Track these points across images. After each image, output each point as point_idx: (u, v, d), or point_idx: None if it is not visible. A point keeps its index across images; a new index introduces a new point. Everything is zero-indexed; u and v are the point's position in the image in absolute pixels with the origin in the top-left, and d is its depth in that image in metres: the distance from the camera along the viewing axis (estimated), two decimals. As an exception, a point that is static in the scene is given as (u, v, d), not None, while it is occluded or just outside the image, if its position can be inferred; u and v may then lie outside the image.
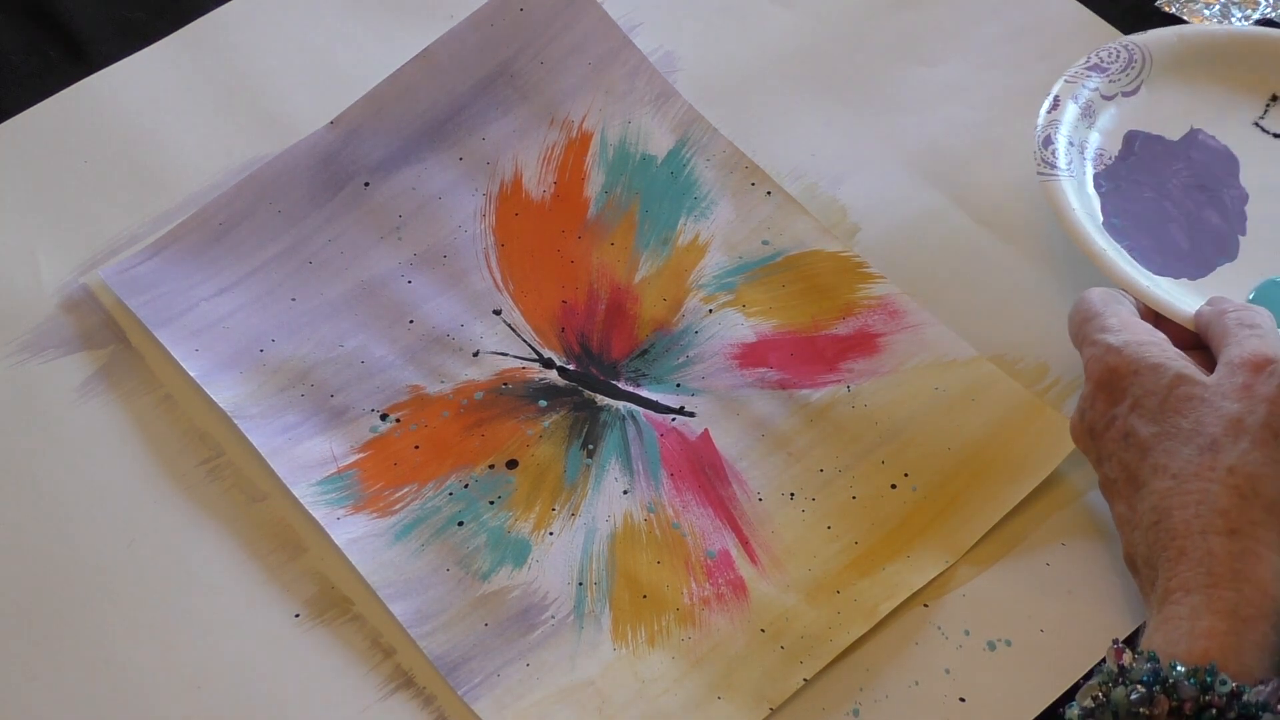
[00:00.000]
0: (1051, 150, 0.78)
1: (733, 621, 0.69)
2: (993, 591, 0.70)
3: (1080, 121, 0.80)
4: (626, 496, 0.72)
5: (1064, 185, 0.77)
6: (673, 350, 0.77)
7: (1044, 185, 0.77)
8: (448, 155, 0.82)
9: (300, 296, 0.78)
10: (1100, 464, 0.67)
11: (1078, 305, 0.71)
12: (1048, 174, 0.77)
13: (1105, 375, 0.67)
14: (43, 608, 0.69)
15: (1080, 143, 0.79)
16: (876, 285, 0.78)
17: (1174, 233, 0.78)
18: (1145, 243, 0.77)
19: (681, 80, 0.86)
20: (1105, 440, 0.66)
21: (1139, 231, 0.77)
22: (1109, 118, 0.81)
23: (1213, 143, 0.81)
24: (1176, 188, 0.79)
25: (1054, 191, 0.77)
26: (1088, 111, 0.80)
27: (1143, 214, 0.78)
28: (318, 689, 0.68)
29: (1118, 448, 0.66)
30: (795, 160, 0.83)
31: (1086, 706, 0.58)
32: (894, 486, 0.72)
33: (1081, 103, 0.80)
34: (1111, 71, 0.81)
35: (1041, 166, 0.77)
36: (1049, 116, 0.79)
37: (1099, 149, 0.80)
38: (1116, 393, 0.66)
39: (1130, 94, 0.81)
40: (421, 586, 0.70)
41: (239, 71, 0.86)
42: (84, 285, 0.79)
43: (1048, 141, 0.78)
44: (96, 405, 0.75)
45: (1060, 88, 0.80)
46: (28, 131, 0.84)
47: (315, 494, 0.72)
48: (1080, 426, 0.68)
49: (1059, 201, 0.76)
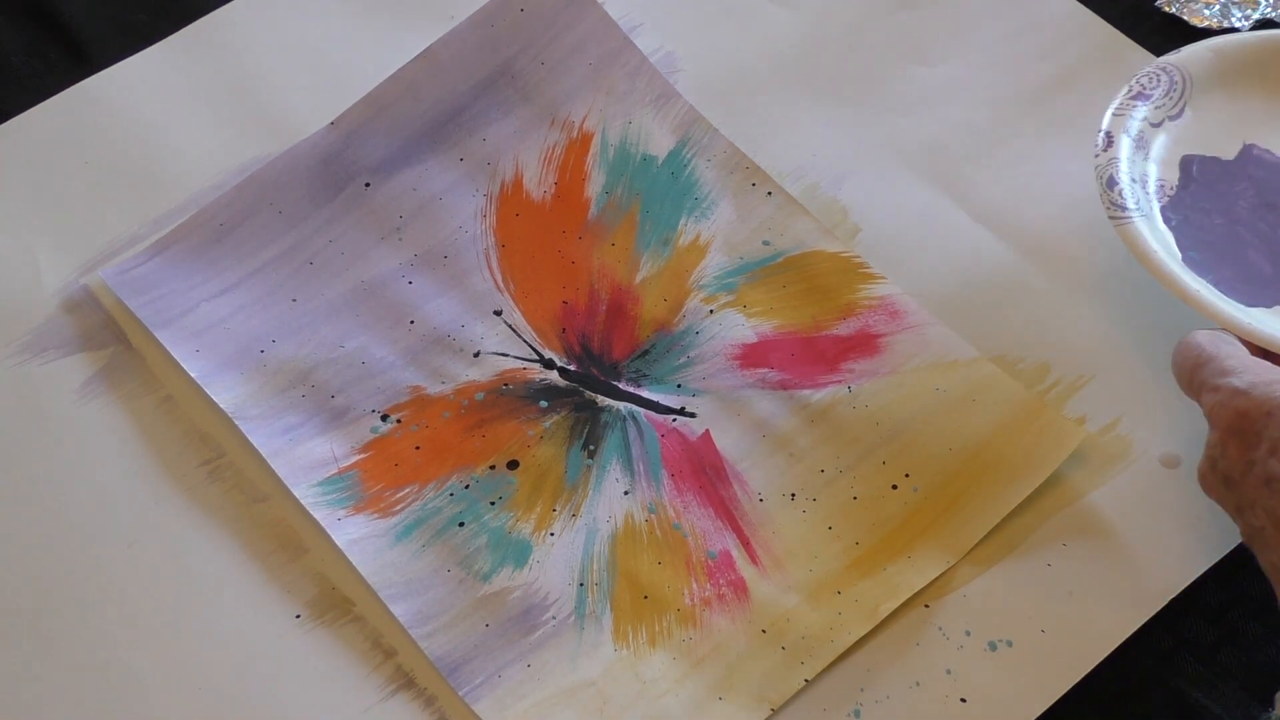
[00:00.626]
0: (1118, 191, 0.75)
1: (734, 622, 0.69)
2: (994, 592, 0.70)
3: (1136, 155, 0.77)
4: (627, 497, 0.72)
5: (1139, 228, 0.73)
6: (674, 351, 0.77)
7: (1120, 231, 0.74)
8: (448, 156, 0.82)
9: (301, 297, 0.78)
10: (1240, 513, 0.65)
11: (1184, 352, 0.68)
12: (1120, 218, 0.74)
13: (1235, 420, 0.64)
14: (43, 608, 0.69)
15: (1141, 178, 0.76)
16: (877, 285, 0.78)
17: (1254, 258, 0.75)
18: (1228, 274, 0.74)
19: (682, 80, 0.86)
20: (1245, 489, 0.63)
21: (1219, 263, 0.75)
22: (1161, 146, 0.78)
23: (1269, 157, 0.78)
24: (1245, 210, 0.76)
25: (1132, 236, 0.73)
26: (1141, 143, 0.77)
27: (1217, 243, 0.75)
28: (319, 690, 0.68)
29: (1261, 495, 0.63)
30: (796, 161, 0.83)
31: None
32: (895, 487, 0.72)
33: (1134, 135, 0.77)
34: (1155, 98, 0.78)
35: (1112, 210, 0.74)
36: (1106, 155, 0.76)
37: (1160, 180, 0.77)
38: (1250, 437, 0.63)
39: (1176, 118, 0.78)
40: (422, 587, 0.70)
41: (239, 72, 0.86)
42: (84, 286, 0.79)
43: (1111, 182, 0.75)
44: (97, 406, 0.75)
45: (1109, 122, 0.77)
46: (28, 132, 0.84)
47: (316, 495, 0.72)
48: (1212, 476, 0.66)
49: (1139, 246, 0.73)
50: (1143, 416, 0.74)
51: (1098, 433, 0.74)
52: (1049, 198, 0.82)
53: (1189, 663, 0.68)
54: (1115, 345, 0.77)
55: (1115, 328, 0.77)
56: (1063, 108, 0.85)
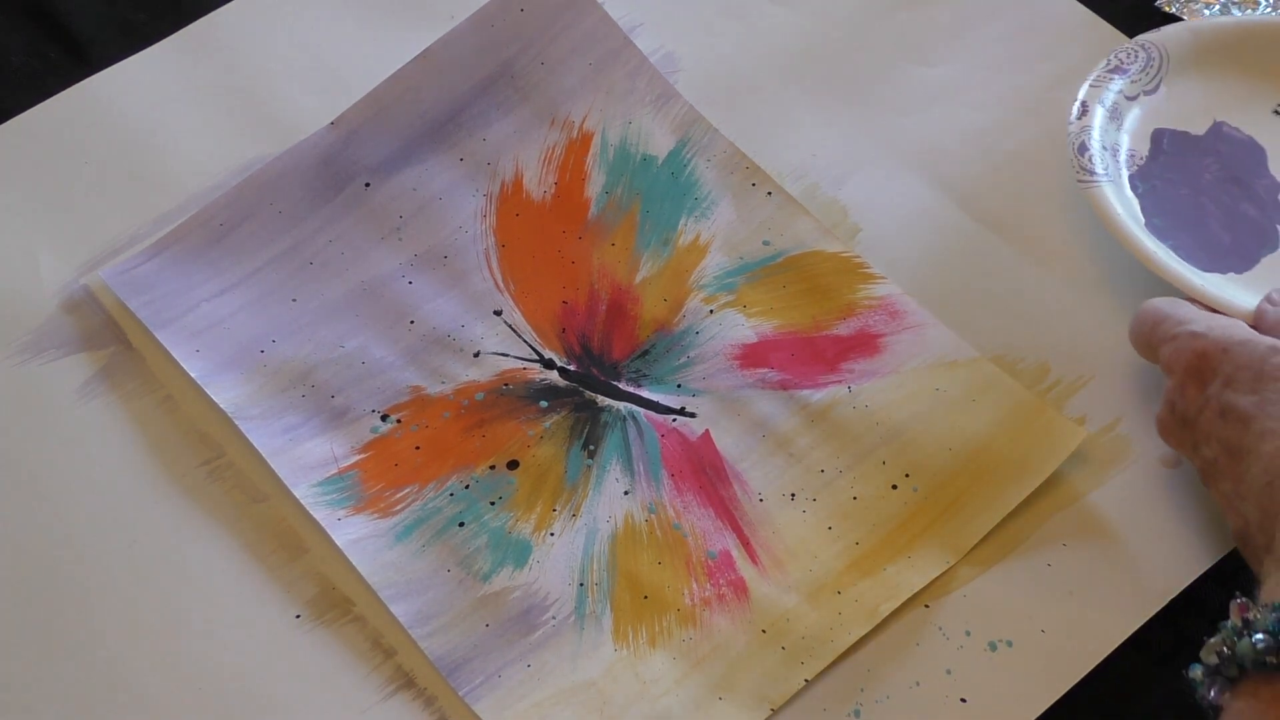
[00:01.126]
0: (1088, 157, 0.78)
1: (734, 622, 0.69)
2: (994, 592, 0.70)
3: (1109, 125, 0.80)
4: (627, 497, 0.72)
5: (1105, 191, 0.77)
6: (673, 351, 0.77)
7: (1086, 193, 0.77)
8: (448, 156, 0.82)
9: (301, 297, 0.78)
10: (1196, 450, 0.68)
11: (1142, 314, 0.71)
12: (1087, 180, 0.77)
13: (1193, 360, 0.67)
14: (43, 608, 0.69)
15: (1112, 146, 0.80)
16: (877, 286, 0.78)
17: (1214, 228, 0.78)
18: (1188, 241, 0.77)
19: (682, 80, 0.86)
20: (1200, 424, 0.67)
21: (1180, 230, 0.78)
22: (1134, 118, 0.81)
23: (1237, 134, 0.81)
24: (1210, 182, 0.79)
25: (1097, 198, 0.77)
26: (1115, 114, 0.81)
27: (1181, 212, 0.79)
28: (319, 690, 0.68)
29: (1215, 426, 0.66)
30: (796, 160, 0.83)
31: (1211, 663, 0.59)
32: (895, 487, 0.72)
33: (1108, 106, 0.80)
34: (1132, 72, 0.82)
35: (1080, 174, 0.78)
36: (1079, 123, 0.79)
37: (1130, 151, 0.80)
38: (1206, 374, 0.67)
39: (1151, 92, 0.82)
40: (422, 587, 0.70)
41: (239, 72, 0.86)
42: (84, 286, 0.79)
43: (1082, 149, 0.78)
44: (97, 406, 0.75)
45: (1086, 93, 0.80)
46: (28, 132, 0.84)
47: (316, 495, 0.72)
48: (1170, 420, 0.69)
49: (1104, 207, 0.76)
50: (1143, 416, 0.74)
51: (1098, 433, 0.74)
52: (1049, 198, 0.82)
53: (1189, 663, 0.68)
54: (1115, 345, 0.77)
55: (1115, 328, 0.77)
56: (1063, 108, 0.85)
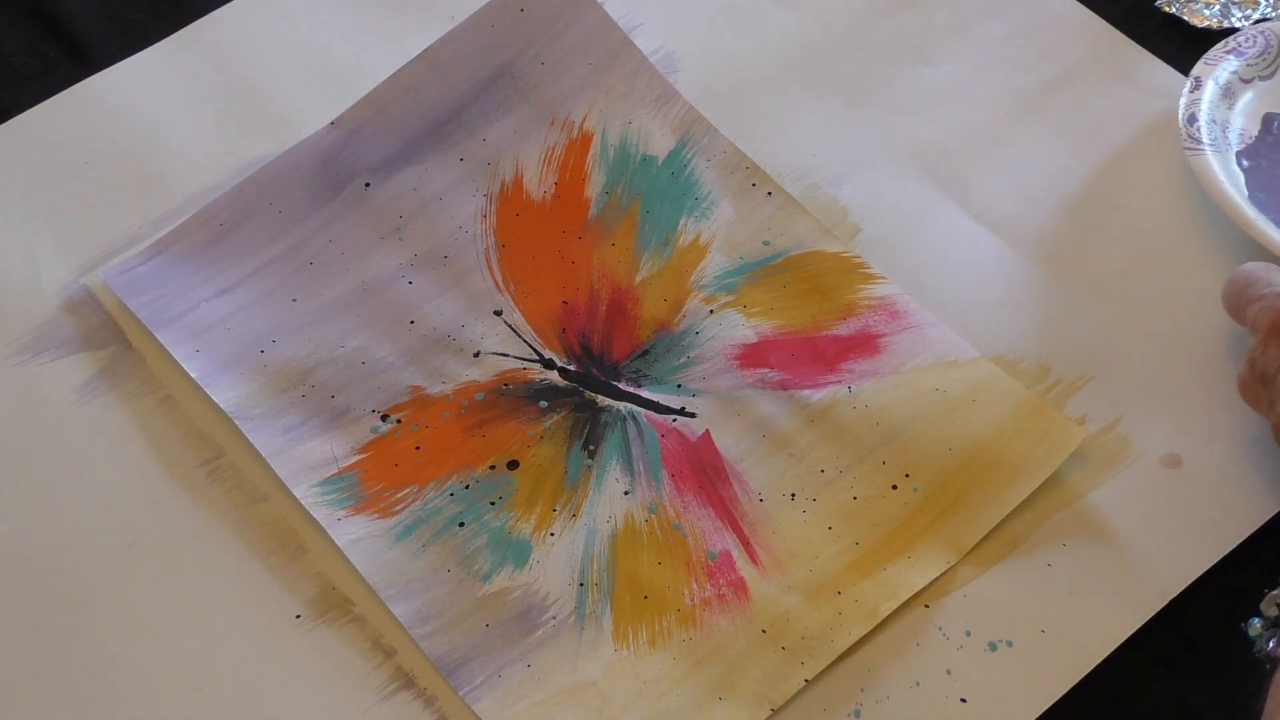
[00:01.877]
0: (1196, 127, 0.80)
1: (734, 622, 0.69)
2: (994, 592, 0.70)
3: (1221, 102, 0.82)
4: (627, 497, 0.72)
5: (1210, 159, 0.79)
6: (674, 351, 0.77)
7: (1191, 159, 0.79)
8: (448, 156, 0.82)
9: (301, 297, 0.78)
10: (1272, 407, 0.69)
11: (1235, 276, 0.72)
12: (1194, 149, 0.79)
13: (1277, 319, 0.68)
14: (43, 608, 0.69)
15: (1222, 122, 0.81)
16: (877, 285, 0.78)
17: None
18: None
19: (682, 80, 0.86)
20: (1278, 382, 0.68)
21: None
22: (1247, 101, 0.83)
23: None
24: None
25: (1201, 165, 0.79)
26: (1227, 93, 0.82)
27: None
28: (319, 690, 0.68)
29: None
30: (796, 160, 0.83)
31: (1271, 615, 0.59)
32: (895, 487, 0.72)
33: (1221, 84, 0.82)
34: (1248, 56, 0.83)
35: (1187, 142, 0.80)
36: (1191, 96, 0.82)
37: (1240, 130, 0.82)
38: None
39: (1267, 78, 0.83)
40: (423, 587, 0.70)
41: (239, 72, 0.87)
42: (84, 286, 0.79)
43: (1192, 119, 0.80)
44: (97, 406, 0.75)
45: (1199, 69, 0.82)
46: (28, 132, 0.84)
47: (316, 495, 0.72)
48: (1250, 376, 0.70)
49: (1207, 174, 0.78)
50: (1143, 416, 0.74)
51: (1098, 433, 0.74)
52: (1049, 198, 0.82)
53: (1189, 663, 0.68)
54: (1115, 345, 0.77)
55: (1115, 328, 0.77)
56: (1063, 108, 0.85)
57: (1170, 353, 0.75)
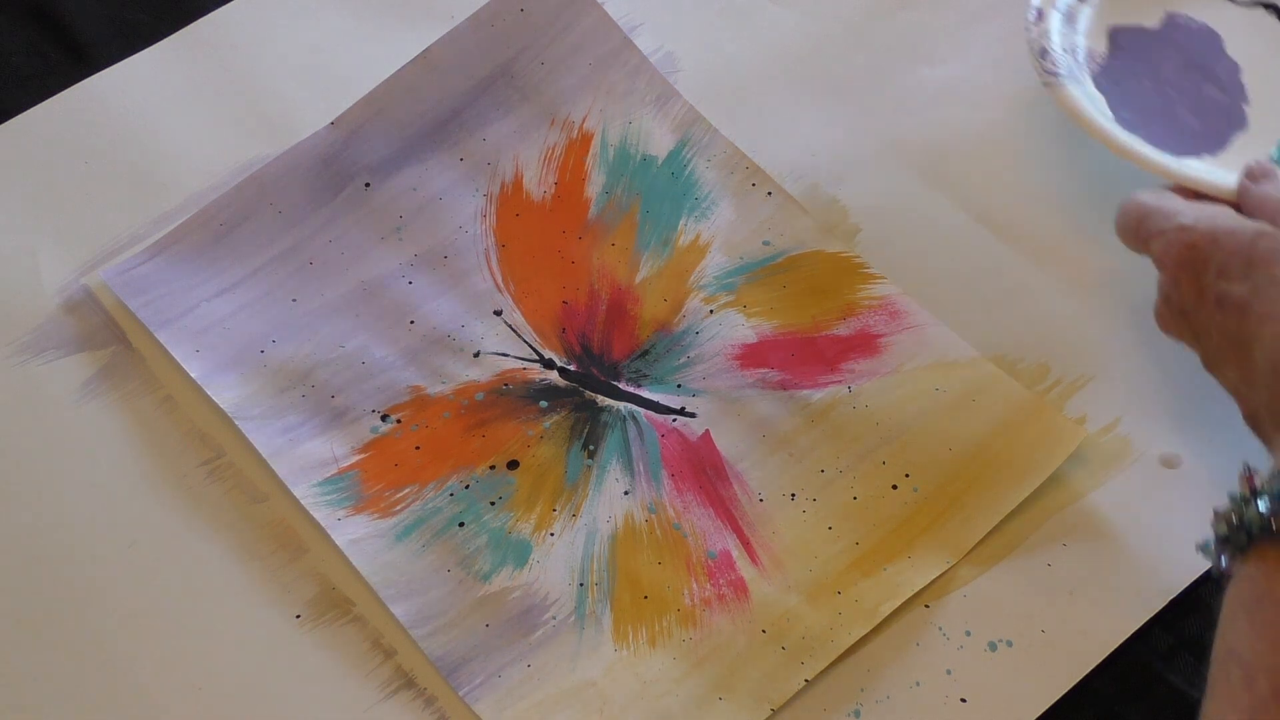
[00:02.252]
0: (1050, 59, 0.79)
1: (734, 622, 0.69)
2: (994, 592, 0.70)
3: (1066, 28, 0.81)
4: (627, 497, 0.72)
5: (1071, 89, 0.78)
6: (674, 351, 0.77)
7: (1052, 91, 0.78)
8: (448, 156, 0.82)
9: (301, 297, 0.78)
10: (1198, 341, 0.68)
11: (1127, 208, 0.72)
12: (1052, 80, 0.78)
13: (1184, 253, 0.68)
14: (43, 608, 0.69)
15: (1072, 48, 0.81)
16: (877, 285, 0.78)
17: (1182, 115, 0.79)
18: (1158, 130, 0.78)
19: (682, 80, 0.86)
20: (1199, 315, 0.67)
21: (1149, 122, 0.79)
22: (1087, 19, 0.82)
23: (1191, 23, 0.82)
24: (1171, 72, 0.81)
25: (1064, 96, 0.78)
26: (1069, 17, 0.82)
27: (1147, 104, 0.79)
28: (318, 690, 0.68)
29: (1214, 316, 0.66)
30: (796, 160, 0.83)
31: (1221, 532, 0.59)
32: (895, 487, 0.72)
33: (1063, 10, 0.82)
34: None
35: (1044, 76, 0.79)
36: (1038, 28, 0.80)
37: (1089, 50, 0.81)
38: (1198, 266, 0.67)
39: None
40: (422, 587, 0.70)
41: (239, 72, 0.86)
42: (85, 286, 0.79)
43: (1043, 52, 0.79)
44: (97, 406, 0.75)
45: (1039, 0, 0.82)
46: (28, 132, 0.84)
47: (316, 495, 0.72)
48: (1167, 312, 0.70)
49: (1071, 104, 0.77)
50: (1143, 416, 0.74)
51: (1098, 433, 0.74)
52: (1049, 197, 0.82)
53: (1189, 663, 0.68)
54: (1115, 345, 0.77)
55: (1115, 328, 0.77)
56: (1062, 108, 0.85)
57: (1170, 353, 0.75)
